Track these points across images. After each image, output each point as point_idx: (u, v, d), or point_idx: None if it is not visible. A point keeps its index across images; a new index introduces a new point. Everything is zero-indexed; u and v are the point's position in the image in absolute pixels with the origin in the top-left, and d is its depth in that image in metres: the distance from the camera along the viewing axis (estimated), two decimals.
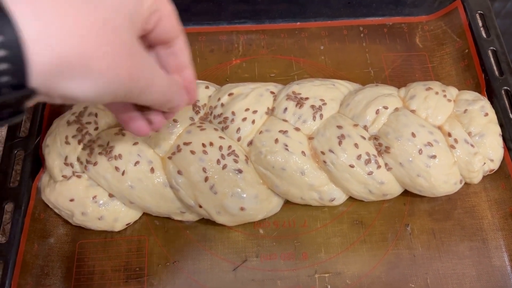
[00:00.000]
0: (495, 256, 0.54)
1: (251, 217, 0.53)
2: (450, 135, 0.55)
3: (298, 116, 0.55)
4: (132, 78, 0.31)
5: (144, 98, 0.35)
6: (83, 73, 0.28)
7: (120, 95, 0.32)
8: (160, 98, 0.37)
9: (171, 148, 0.52)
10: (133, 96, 0.33)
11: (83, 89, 0.28)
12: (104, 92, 0.30)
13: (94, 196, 0.52)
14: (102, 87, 0.29)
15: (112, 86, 0.30)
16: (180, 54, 0.40)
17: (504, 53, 0.63)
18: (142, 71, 0.32)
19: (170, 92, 0.38)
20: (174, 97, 0.39)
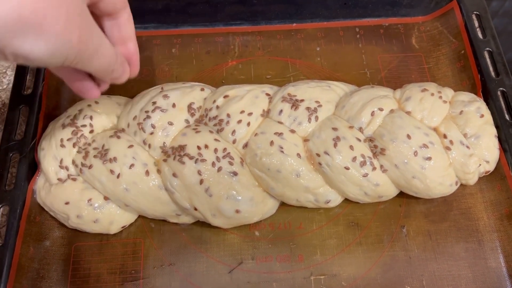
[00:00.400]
0: (490, 257, 0.54)
1: (246, 219, 0.53)
2: (446, 137, 0.55)
3: (293, 119, 0.55)
4: (82, 42, 0.33)
5: (91, 65, 0.37)
6: (36, 32, 0.29)
7: (70, 59, 0.34)
8: (105, 67, 0.39)
9: (166, 150, 0.52)
10: (81, 61, 0.35)
11: (35, 48, 0.30)
12: (55, 54, 0.32)
13: (89, 199, 0.51)
14: (54, 48, 0.31)
15: (63, 49, 0.32)
16: (124, 26, 0.42)
17: (500, 54, 0.63)
18: (91, 37, 0.35)
19: (115, 62, 0.40)
20: (118, 67, 0.41)
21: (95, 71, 0.39)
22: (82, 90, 0.44)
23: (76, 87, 0.43)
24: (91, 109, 0.55)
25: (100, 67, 0.38)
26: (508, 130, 0.58)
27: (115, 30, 0.42)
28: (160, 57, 0.67)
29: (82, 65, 0.36)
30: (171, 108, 0.53)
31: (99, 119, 0.55)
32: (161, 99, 0.54)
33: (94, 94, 0.44)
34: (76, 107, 0.56)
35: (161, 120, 0.53)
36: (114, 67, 0.40)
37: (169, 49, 0.68)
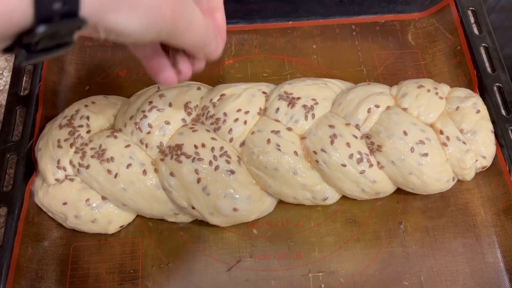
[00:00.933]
0: (488, 252, 0.54)
1: (244, 218, 0.53)
2: (442, 133, 0.55)
3: (290, 116, 0.55)
4: (176, 15, 0.31)
5: (183, 40, 0.35)
6: (130, 6, 0.28)
7: (163, 33, 0.32)
8: (199, 41, 0.36)
9: (163, 149, 0.52)
10: (174, 35, 0.33)
11: (129, 23, 0.28)
12: (148, 29, 0.30)
13: (87, 199, 0.52)
14: (148, 22, 0.29)
15: (157, 23, 0.30)
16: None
17: (496, 50, 0.63)
18: (184, 9, 0.32)
19: (207, 35, 0.37)
20: (212, 40, 0.38)
21: (188, 46, 0.36)
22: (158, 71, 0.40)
23: (152, 66, 0.40)
24: (87, 109, 0.55)
25: (193, 41, 0.36)
26: (504, 126, 0.58)
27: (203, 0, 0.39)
28: None
29: (175, 40, 0.34)
30: (168, 108, 0.54)
31: (96, 120, 0.55)
32: (158, 98, 0.54)
33: (171, 79, 0.40)
34: (73, 107, 0.56)
35: (157, 120, 0.53)
36: (207, 41, 0.37)
37: None
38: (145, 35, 0.31)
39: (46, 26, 0.24)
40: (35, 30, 0.24)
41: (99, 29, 0.28)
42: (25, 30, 0.24)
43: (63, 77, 0.64)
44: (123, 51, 0.67)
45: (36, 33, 0.24)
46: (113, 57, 0.67)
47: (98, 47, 0.67)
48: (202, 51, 0.38)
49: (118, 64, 0.66)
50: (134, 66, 0.66)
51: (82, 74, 0.65)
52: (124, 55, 0.67)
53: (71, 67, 0.65)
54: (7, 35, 0.24)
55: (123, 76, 0.65)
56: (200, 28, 0.36)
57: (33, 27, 0.24)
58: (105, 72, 0.66)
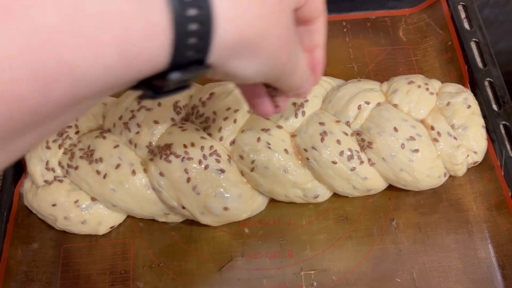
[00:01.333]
0: (480, 248, 0.54)
1: (235, 217, 0.53)
2: (433, 128, 0.54)
3: (280, 114, 0.55)
4: (288, 60, 0.31)
5: (287, 82, 0.34)
6: (253, 53, 0.27)
7: (273, 76, 0.31)
8: (298, 82, 0.36)
9: (152, 149, 0.52)
10: (281, 78, 0.33)
11: (247, 68, 0.28)
12: (262, 73, 0.30)
13: (77, 200, 0.51)
14: (263, 68, 0.29)
15: (272, 68, 0.30)
16: (317, 33, 0.38)
17: (487, 44, 0.63)
18: (295, 53, 0.32)
19: (306, 76, 0.37)
20: (308, 81, 0.38)
21: (287, 87, 0.36)
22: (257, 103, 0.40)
23: (251, 96, 0.40)
24: None
25: (294, 83, 0.35)
26: (495, 121, 0.58)
27: (306, 37, 0.38)
28: None
29: (280, 82, 0.34)
30: (157, 107, 0.53)
31: (85, 120, 0.54)
32: None
33: (269, 111, 0.41)
34: None
35: (146, 119, 0.53)
36: (305, 81, 0.37)
37: None
38: (255, 78, 0.30)
39: (178, 74, 0.25)
40: (169, 77, 0.25)
41: (217, 73, 0.28)
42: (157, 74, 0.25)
43: None
44: None
45: (169, 79, 0.25)
46: None
47: None
48: (296, 91, 0.38)
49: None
50: None
51: None
52: None
53: None
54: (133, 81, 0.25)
55: None
56: (303, 71, 0.35)
57: (166, 73, 0.25)
58: None
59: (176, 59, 0.24)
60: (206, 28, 0.24)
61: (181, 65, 0.25)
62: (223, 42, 0.25)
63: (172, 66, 0.24)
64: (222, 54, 0.26)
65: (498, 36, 1.11)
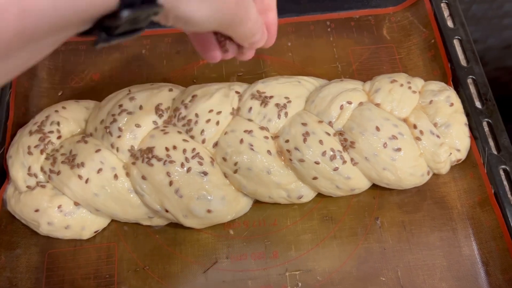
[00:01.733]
0: (464, 245, 0.54)
1: (219, 219, 0.53)
2: (416, 127, 0.55)
3: (263, 115, 0.55)
4: (237, 7, 0.34)
5: (237, 30, 0.37)
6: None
7: (224, 23, 0.35)
8: (248, 32, 0.39)
9: (134, 153, 0.52)
10: (231, 25, 0.36)
11: (198, 12, 0.31)
12: (214, 18, 0.32)
13: (59, 205, 0.51)
14: (214, 11, 0.32)
15: (222, 13, 0.33)
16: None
17: (469, 42, 0.63)
18: (245, 2, 0.35)
19: (256, 27, 0.40)
20: (258, 32, 0.41)
21: (238, 36, 0.39)
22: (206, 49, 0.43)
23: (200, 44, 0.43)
24: (58, 115, 0.54)
25: (244, 32, 0.38)
26: (478, 118, 0.58)
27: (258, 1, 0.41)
28: (130, 59, 0.67)
29: (231, 30, 0.37)
30: (138, 111, 0.53)
31: (67, 125, 0.54)
32: (128, 101, 0.54)
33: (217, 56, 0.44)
34: (43, 113, 0.56)
35: (128, 123, 0.52)
36: (254, 32, 0.40)
37: (139, 50, 0.67)
38: (209, 24, 0.33)
39: (129, 11, 0.26)
40: (120, 14, 0.26)
41: (169, 16, 0.31)
42: (108, 14, 0.26)
43: (35, 82, 0.63)
44: (97, 55, 0.66)
45: (121, 17, 0.26)
46: (86, 61, 0.66)
47: (72, 51, 0.67)
48: (248, 41, 0.41)
49: (92, 68, 0.65)
50: (108, 69, 0.65)
51: (55, 79, 0.65)
52: (97, 59, 0.66)
53: (43, 72, 0.64)
54: (90, 19, 0.26)
55: (97, 80, 0.65)
56: (252, 21, 0.38)
57: (117, 11, 0.26)
58: (78, 77, 0.65)
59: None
60: None
61: (133, 4, 0.26)
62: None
63: (123, 4, 0.26)
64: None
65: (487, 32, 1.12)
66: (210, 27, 0.34)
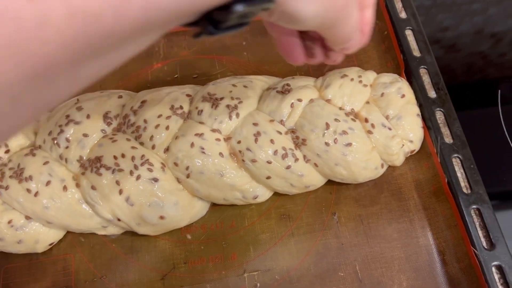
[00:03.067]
0: (421, 235, 0.54)
1: (174, 224, 0.52)
2: (367, 120, 0.55)
3: (214, 118, 0.54)
4: (344, 6, 0.33)
5: (336, 31, 0.35)
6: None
7: (327, 22, 0.33)
8: (346, 34, 0.37)
9: (83, 163, 0.51)
10: (333, 26, 0.34)
11: (305, 9, 0.30)
12: (320, 16, 0.31)
13: (10, 220, 0.50)
14: (321, 10, 0.31)
15: (329, 11, 0.31)
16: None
17: (421, 32, 0.63)
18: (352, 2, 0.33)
19: (355, 30, 0.37)
20: (355, 36, 0.39)
21: (335, 38, 0.37)
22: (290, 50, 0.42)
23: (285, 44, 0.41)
24: None
25: (342, 34, 0.36)
26: (430, 108, 0.58)
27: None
28: None
29: (330, 31, 0.35)
30: (85, 120, 0.53)
31: (15, 139, 0.53)
32: (75, 111, 0.53)
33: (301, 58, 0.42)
34: None
35: (75, 133, 0.52)
36: (353, 35, 0.38)
37: None
38: (313, 22, 0.32)
39: (243, 6, 0.25)
40: (233, 9, 0.25)
41: (275, 12, 0.29)
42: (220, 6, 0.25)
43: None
44: None
45: (234, 11, 0.25)
46: None
47: None
48: (342, 44, 0.39)
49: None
50: None
51: None
52: None
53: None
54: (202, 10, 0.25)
55: None
56: (353, 22, 0.36)
57: (230, 5, 0.25)
58: None
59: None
60: None
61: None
62: None
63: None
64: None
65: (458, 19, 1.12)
66: (312, 26, 0.32)
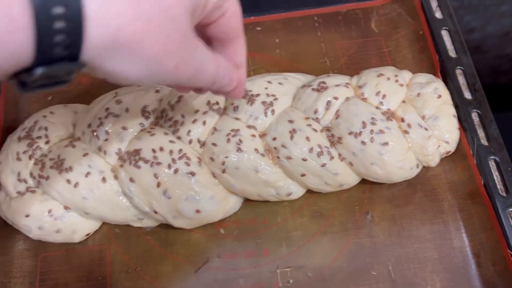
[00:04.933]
0: (455, 237, 0.54)
1: (209, 219, 0.53)
2: (403, 120, 0.54)
3: (250, 114, 0.55)
4: (179, 69, 0.32)
5: (189, 84, 0.36)
6: (130, 56, 0.28)
7: (165, 82, 0.33)
8: (206, 83, 0.37)
9: (122, 155, 0.52)
10: (178, 82, 0.34)
11: (127, 71, 0.29)
12: (147, 77, 0.31)
13: (50, 209, 0.51)
14: (146, 71, 0.30)
15: (157, 73, 0.31)
16: (235, 54, 0.40)
17: (458, 32, 0.62)
18: (191, 61, 0.33)
19: (217, 77, 0.38)
20: (222, 81, 0.39)
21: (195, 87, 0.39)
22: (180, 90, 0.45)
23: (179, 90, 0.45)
24: (46, 120, 0.55)
25: (200, 83, 0.37)
26: (467, 109, 0.58)
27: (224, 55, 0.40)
28: None
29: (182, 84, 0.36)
30: (124, 113, 0.53)
31: (55, 130, 0.54)
32: (114, 104, 0.54)
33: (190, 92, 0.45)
34: (31, 119, 0.56)
35: (114, 126, 0.53)
36: (216, 81, 0.38)
37: None
38: (143, 82, 0.32)
39: (44, 68, 0.26)
40: (33, 71, 0.25)
41: (96, 71, 0.29)
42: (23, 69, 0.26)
43: None
44: None
45: (34, 74, 0.25)
46: None
47: None
48: (213, 88, 0.40)
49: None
50: None
51: None
52: None
53: None
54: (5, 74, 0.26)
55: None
56: (209, 74, 0.36)
57: (31, 68, 0.25)
58: None
59: (41, 55, 0.25)
60: (75, 27, 0.25)
61: (50, 61, 0.25)
62: (96, 41, 0.26)
63: (38, 61, 0.25)
64: (96, 53, 0.27)
65: (485, 20, 1.10)
66: (148, 84, 0.33)
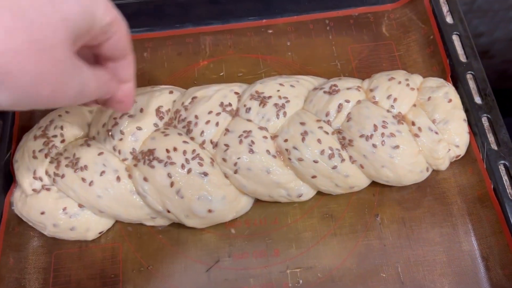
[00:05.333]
0: (464, 240, 0.54)
1: (220, 218, 0.54)
2: (414, 124, 0.55)
3: (262, 116, 0.55)
4: (58, 92, 0.33)
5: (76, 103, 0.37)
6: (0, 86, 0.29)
7: (42, 106, 0.33)
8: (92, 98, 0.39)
9: (136, 155, 0.53)
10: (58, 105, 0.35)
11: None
12: (22, 104, 0.31)
13: (64, 207, 0.52)
14: (19, 99, 0.31)
15: (31, 100, 0.31)
16: (123, 71, 0.42)
17: (468, 37, 0.63)
18: (72, 85, 0.34)
19: (99, 92, 0.40)
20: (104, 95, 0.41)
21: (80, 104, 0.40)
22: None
23: None
24: (61, 119, 0.56)
25: (85, 101, 0.38)
26: (477, 114, 0.58)
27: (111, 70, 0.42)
28: None
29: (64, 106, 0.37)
30: (139, 113, 0.54)
31: (70, 129, 0.55)
32: None
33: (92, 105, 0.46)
34: (47, 118, 0.57)
35: (129, 126, 0.53)
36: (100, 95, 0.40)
37: (141, 53, 0.68)
38: (18, 108, 0.32)
39: None
40: None
41: None
42: None
43: None
44: None
45: None
46: None
47: None
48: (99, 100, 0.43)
49: None
50: None
51: None
52: None
53: None
54: None
55: None
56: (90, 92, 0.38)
57: None
58: None
59: None
60: None
61: None
62: None
63: None
64: None
65: (494, 25, 1.11)
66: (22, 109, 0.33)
